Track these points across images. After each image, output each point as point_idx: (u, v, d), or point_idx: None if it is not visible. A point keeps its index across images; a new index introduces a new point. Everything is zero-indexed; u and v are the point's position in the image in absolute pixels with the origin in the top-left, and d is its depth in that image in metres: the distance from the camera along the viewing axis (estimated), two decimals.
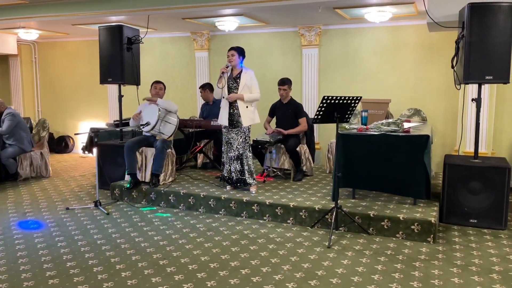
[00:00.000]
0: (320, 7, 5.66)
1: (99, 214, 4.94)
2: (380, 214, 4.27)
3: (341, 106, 4.16)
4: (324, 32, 7.40)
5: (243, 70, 5.12)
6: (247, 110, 5.08)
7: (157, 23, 7.32)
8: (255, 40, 7.92)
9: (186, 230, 4.41)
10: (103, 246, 3.93)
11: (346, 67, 7.35)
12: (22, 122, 6.76)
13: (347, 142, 4.66)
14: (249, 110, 5.10)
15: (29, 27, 8.12)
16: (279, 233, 4.31)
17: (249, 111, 5.10)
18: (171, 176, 5.72)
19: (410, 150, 4.42)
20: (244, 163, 5.13)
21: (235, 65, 5.09)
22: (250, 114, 5.11)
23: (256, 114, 5.22)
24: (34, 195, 5.83)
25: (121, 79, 5.87)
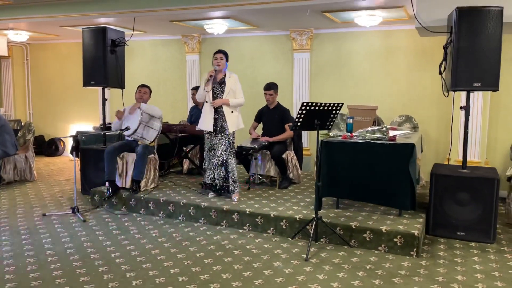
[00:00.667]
0: (308, 10, 5.51)
1: (75, 221, 4.80)
2: (362, 226, 4.10)
3: (321, 113, 4.00)
4: (315, 36, 7.25)
5: (227, 74, 4.99)
6: (232, 115, 4.95)
7: (146, 26, 7.20)
8: (246, 43, 7.78)
9: (161, 239, 4.26)
10: (71, 256, 3.79)
11: (338, 72, 7.19)
12: (6, 125, 6.58)
13: (330, 150, 4.51)
14: (234, 115, 4.97)
15: (19, 28, 8.02)
16: (257, 244, 4.15)
17: (234, 116, 4.97)
18: (153, 182, 5.58)
19: (394, 159, 4.26)
20: (228, 170, 4.99)
21: (222, 69, 4.96)
22: (235, 119, 4.99)
23: (241, 120, 5.09)
24: (13, 200, 5.71)
25: (104, 82, 5.75)
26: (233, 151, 5.04)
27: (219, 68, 4.92)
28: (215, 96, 4.93)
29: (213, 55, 5.04)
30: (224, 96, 4.91)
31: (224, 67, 4.97)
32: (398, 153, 4.25)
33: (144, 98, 5.48)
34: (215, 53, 5.02)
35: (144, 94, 5.51)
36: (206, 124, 4.96)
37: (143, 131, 5.35)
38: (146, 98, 5.52)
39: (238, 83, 5.02)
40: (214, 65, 4.94)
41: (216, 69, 4.91)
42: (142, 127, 5.30)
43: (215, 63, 4.95)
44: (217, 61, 4.93)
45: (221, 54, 4.97)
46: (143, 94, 5.50)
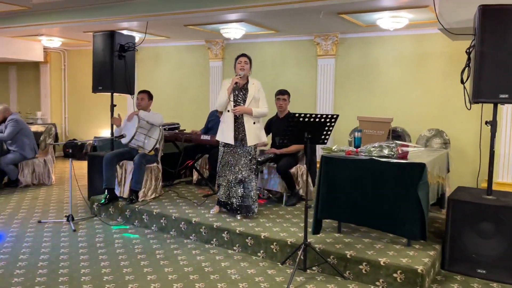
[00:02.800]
0: (322, 12, 5.05)
1: (65, 231, 4.65)
2: (359, 256, 3.57)
3: (313, 125, 3.54)
4: (341, 41, 6.73)
5: (250, 80, 4.56)
6: (254, 126, 4.47)
7: (164, 30, 7.06)
8: (269, 49, 7.42)
9: (141, 256, 3.97)
10: (39, 270, 3.59)
11: (365, 80, 6.62)
12: (25, 129, 6.73)
13: (331, 166, 4.01)
14: (255, 127, 4.49)
15: (51, 34, 8.21)
16: (240, 269, 3.74)
17: (256, 128, 4.49)
18: (155, 192, 5.34)
19: (402, 181, 3.68)
20: (248, 188, 4.50)
21: (247, 74, 4.53)
22: (257, 131, 4.50)
23: (263, 132, 4.65)
24: (20, 204, 5.71)
25: (111, 88, 5.62)
26: (254, 167, 4.56)
27: (243, 73, 4.46)
28: (236, 104, 4.47)
29: (235, 59, 4.57)
30: (246, 104, 4.44)
31: (248, 73, 4.58)
32: (406, 174, 3.67)
33: (142, 104, 5.26)
34: (238, 57, 4.54)
35: (142, 100, 5.28)
36: (226, 135, 4.46)
37: (145, 139, 5.13)
38: (145, 104, 5.28)
39: (261, 91, 4.55)
40: (238, 70, 4.48)
41: (241, 74, 4.44)
42: (142, 135, 5.08)
43: (238, 67, 4.47)
44: (241, 65, 4.46)
45: (245, 58, 4.51)
46: (140, 100, 5.28)
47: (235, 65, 4.51)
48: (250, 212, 4.56)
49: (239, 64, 4.46)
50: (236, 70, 4.48)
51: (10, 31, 7.74)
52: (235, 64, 4.51)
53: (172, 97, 8.47)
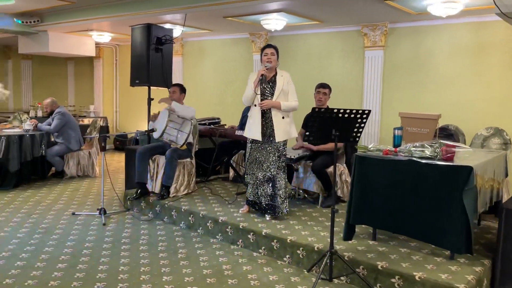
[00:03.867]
0: None
1: (95, 224, 4.65)
2: (392, 268, 3.20)
3: (341, 121, 3.20)
4: (390, 31, 6.24)
5: (278, 72, 4.30)
6: (283, 121, 4.21)
7: (203, 23, 6.94)
8: (314, 41, 7.06)
9: (162, 255, 3.85)
10: (58, 264, 3.56)
11: (416, 73, 6.09)
12: (71, 122, 6.91)
13: (366, 167, 3.64)
14: (285, 121, 4.23)
15: (100, 29, 8.40)
16: (262, 274, 3.49)
17: (285, 122, 4.23)
18: (187, 188, 5.23)
19: (445, 185, 3.25)
20: (276, 186, 4.26)
21: (274, 66, 4.27)
22: (286, 126, 4.23)
23: (293, 127, 4.34)
24: (60, 195, 5.84)
25: (147, 81, 5.57)
26: (283, 165, 4.32)
27: (271, 65, 4.20)
28: (263, 98, 4.23)
29: (261, 50, 4.32)
30: (274, 98, 4.19)
31: (275, 64, 4.33)
32: (450, 178, 3.23)
33: (173, 97, 5.13)
34: (264, 48, 4.28)
35: (173, 93, 5.15)
36: (253, 131, 4.24)
37: (177, 134, 5.01)
38: (176, 97, 5.14)
39: (291, 83, 4.28)
40: (264, 62, 4.22)
41: (267, 66, 4.17)
42: (174, 129, 4.96)
43: (265, 59, 4.21)
44: (267, 57, 4.20)
45: (272, 49, 4.24)
46: (172, 93, 5.16)
47: (261, 57, 4.24)
48: (279, 213, 4.30)
49: (265, 56, 4.19)
50: (263, 62, 4.22)
51: (61, 26, 7.99)
52: (261, 56, 4.25)
53: (216, 91, 8.37)
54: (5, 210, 5.08)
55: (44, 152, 6.53)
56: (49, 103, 6.91)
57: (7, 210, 5.08)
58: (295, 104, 4.24)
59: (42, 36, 8.69)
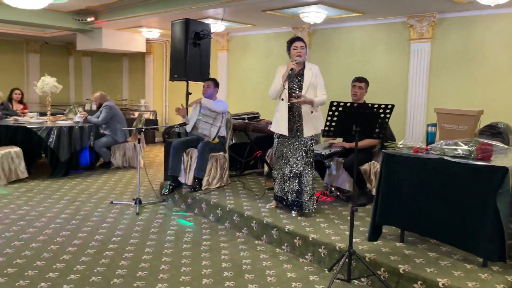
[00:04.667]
0: None
1: (130, 213, 4.82)
2: (414, 272, 3.02)
3: (363, 116, 3.06)
4: (439, 22, 5.88)
5: (307, 65, 4.20)
6: (312, 116, 4.12)
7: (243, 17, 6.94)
8: (357, 33, 6.83)
9: (186, 246, 3.90)
10: (87, 249, 3.73)
11: (466, 66, 5.70)
12: (118, 115, 7.20)
13: (393, 165, 3.46)
14: (314, 116, 4.14)
15: (149, 26, 8.68)
16: (280, 271, 3.44)
17: (314, 117, 4.14)
18: (220, 181, 5.28)
19: (477, 187, 3.01)
20: (303, 183, 4.19)
21: (303, 60, 4.18)
22: (314, 121, 4.13)
23: (321, 121, 4.20)
24: (104, 185, 6.11)
25: (185, 76, 5.66)
26: (310, 160, 4.23)
27: (301, 59, 4.10)
28: (291, 93, 4.16)
29: (289, 43, 4.20)
30: (303, 92, 4.08)
31: (305, 58, 4.21)
32: (482, 179, 2.99)
33: (207, 91, 5.17)
34: (293, 41, 4.16)
35: (207, 88, 5.19)
36: (279, 126, 4.18)
37: (211, 128, 5.06)
38: (210, 92, 5.18)
39: (320, 77, 4.16)
40: (294, 56, 4.11)
41: (297, 60, 4.06)
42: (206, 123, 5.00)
43: (294, 53, 4.10)
44: (297, 51, 4.09)
45: (301, 42, 4.13)
46: (206, 88, 5.19)
47: (290, 50, 4.14)
48: (306, 209, 4.21)
49: (295, 50, 4.08)
50: (292, 56, 4.11)
51: (113, 23, 8.34)
52: (290, 49, 4.14)
53: (259, 85, 8.35)
54: (52, 196, 5.41)
55: (92, 143, 6.87)
56: (98, 96, 7.25)
57: (53, 196, 5.41)
58: (324, 98, 4.12)
59: (97, 33, 9.13)
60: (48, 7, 7.57)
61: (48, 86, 6.58)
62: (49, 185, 5.97)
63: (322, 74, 4.23)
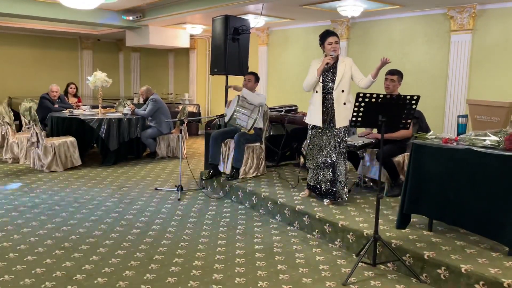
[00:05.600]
0: None
1: (172, 199, 5.15)
2: (438, 258, 3.11)
3: (389, 107, 3.17)
4: (480, 13, 5.78)
5: (340, 59, 4.34)
6: (343, 107, 4.26)
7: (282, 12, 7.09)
8: (396, 26, 6.81)
9: (222, 229, 4.17)
10: (133, 229, 4.08)
11: (508, 59, 5.58)
12: (163, 108, 7.59)
13: (422, 155, 3.55)
14: (346, 107, 4.27)
15: (193, 22, 9.02)
16: (309, 254, 3.63)
17: (346, 108, 4.26)
18: (256, 171, 5.51)
19: (504, 177, 3.06)
20: (336, 172, 4.34)
21: (338, 54, 4.32)
22: (347, 112, 4.24)
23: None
24: (150, 173, 6.51)
25: (224, 70, 5.92)
26: (344, 151, 4.37)
27: (335, 54, 4.26)
28: (324, 85, 4.33)
29: (322, 37, 4.34)
30: (335, 84, 4.26)
31: (339, 52, 4.39)
32: (509, 169, 3.03)
33: (248, 85, 5.39)
34: (327, 36, 4.29)
35: (249, 81, 5.41)
36: (314, 117, 4.36)
37: (248, 119, 5.28)
38: (251, 86, 5.40)
39: (354, 66, 4.29)
40: (329, 50, 4.26)
41: (333, 55, 4.23)
42: (244, 115, 5.24)
43: (329, 48, 4.25)
44: (332, 46, 4.23)
45: (336, 37, 4.28)
46: (247, 81, 5.41)
47: (324, 44, 4.28)
48: (339, 198, 4.36)
49: (329, 45, 4.22)
50: (327, 51, 4.26)
51: (159, 20, 8.75)
52: (324, 43, 4.28)
53: (298, 79, 8.48)
54: (102, 182, 5.85)
55: (139, 134, 7.31)
56: (144, 90, 7.68)
57: (103, 182, 5.85)
58: (368, 79, 4.16)
59: (144, 30, 9.60)
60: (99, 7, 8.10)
61: (99, 81, 7.07)
62: (100, 172, 6.44)
63: (361, 67, 4.35)
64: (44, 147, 6.23)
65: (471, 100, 4.05)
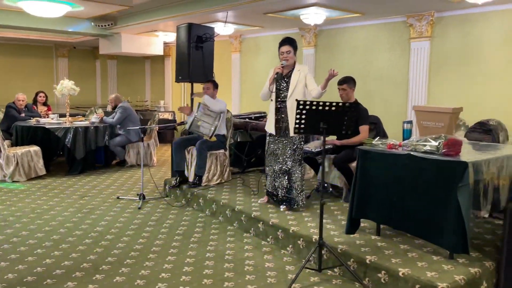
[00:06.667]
0: None
1: (133, 207, 5.14)
2: (379, 263, 3.16)
3: (329, 114, 3.23)
4: (437, 21, 5.91)
5: (296, 67, 4.40)
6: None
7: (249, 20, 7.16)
8: (360, 33, 6.93)
9: (177, 237, 4.17)
10: (85, 239, 4.06)
11: (464, 64, 5.71)
12: (132, 115, 7.58)
13: (367, 161, 3.60)
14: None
15: (166, 30, 9.04)
16: (259, 261, 3.65)
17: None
18: (220, 178, 5.53)
19: (441, 182, 3.13)
20: (292, 179, 4.40)
21: (291, 63, 4.41)
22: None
23: None
24: (115, 181, 6.48)
25: (188, 77, 5.94)
26: (299, 158, 4.43)
27: (287, 63, 4.33)
28: (279, 94, 4.39)
29: (278, 47, 4.44)
30: (289, 93, 4.32)
31: (292, 61, 4.44)
32: (445, 174, 3.10)
33: (207, 93, 5.42)
34: (280, 45, 4.37)
35: (207, 89, 5.44)
36: (269, 125, 4.45)
37: (211, 127, 5.29)
38: (210, 93, 5.43)
39: (309, 75, 4.33)
40: (281, 60, 4.35)
41: (283, 64, 4.31)
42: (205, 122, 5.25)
43: (281, 58, 4.34)
44: (283, 56, 4.31)
45: (287, 46, 4.32)
46: (206, 89, 5.45)
47: (279, 53, 4.34)
48: (295, 204, 4.40)
49: (281, 55, 4.29)
50: (280, 60, 4.32)
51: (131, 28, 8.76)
52: (278, 52, 4.35)
53: None
54: (65, 192, 5.81)
55: (107, 142, 7.28)
56: (113, 98, 7.67)
57: (66, 192, 5.81)
58: (318, 90, 4.18)
59: (116, 38, 9.60)
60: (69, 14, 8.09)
61: (66, 89, 7.04)
62: (64, 181, 6.40)
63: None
64: (6, 156, 6.17)
65: (417, 106, 4.14)
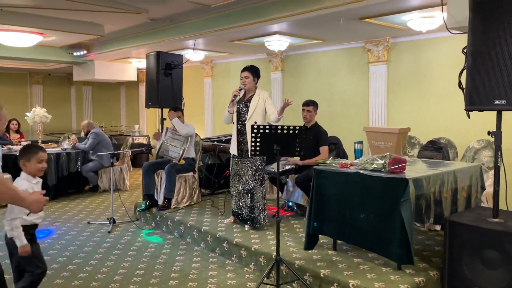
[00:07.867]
0: (342, 19, 4.84)
1: (102, 232, 5.23)
2: (332, 276, 3.36)
3: (281, 136, 3.46)
4: (393, 46, 6.29)
5: (257, 92, 4.69)
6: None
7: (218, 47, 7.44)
8: (323, 58, 7.28)
9: (144, 259, 4.29)
10: (54, 264, 4.14)
11: (418, 86, 6.08)
12: (104, 141, 7.70)
13: (322, 180, 3.83)
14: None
15: (138, 56, 9.27)
16: (222, 279, 3.80)
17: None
18: (190, 200, 5.68)
19: (386, 197, 3.37)
20: (254, 199, 4.59)
21: (250, 88, 4.68)
22: None
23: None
24: (86, 207, 6.56)
25: (158, 103, 6.14)
26: (260, 178, 4.65)
27: (245, 87, 4.64)
28: (240, 117, 4.65)
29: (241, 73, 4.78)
30: (248, 115, 4.58)
31: (252, 86, 4.71)
32: (389, 189, 3.35)
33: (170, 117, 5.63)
34: (241, 71, 4.73)
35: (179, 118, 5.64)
36: (232, 147, 4.69)
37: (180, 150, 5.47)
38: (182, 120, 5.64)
39: (268, 101, 4.61)
40: (241, 83, 4.69)
41: (241, 88, 4.63)
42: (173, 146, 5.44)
43: (241, 82, 4.67)
44: (242, 81, 4.63)
45: (246, 72, 4.66)
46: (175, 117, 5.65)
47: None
48: (257, 223, 4.58)
49: (241, 80, 4.58)
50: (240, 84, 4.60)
51: (103, 56, 8.96)
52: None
53: None
54: None
55: (79, 168, 7.36)
56: (85, 124, 7.79)
57: None
58: (275, 115, 4.48)
59: (90, 65, 9.77)
60: (43, 44, 8.25)
61: (38, 117, 7.15)
62: None
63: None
64: None
65: (367, 127, 4.42)
